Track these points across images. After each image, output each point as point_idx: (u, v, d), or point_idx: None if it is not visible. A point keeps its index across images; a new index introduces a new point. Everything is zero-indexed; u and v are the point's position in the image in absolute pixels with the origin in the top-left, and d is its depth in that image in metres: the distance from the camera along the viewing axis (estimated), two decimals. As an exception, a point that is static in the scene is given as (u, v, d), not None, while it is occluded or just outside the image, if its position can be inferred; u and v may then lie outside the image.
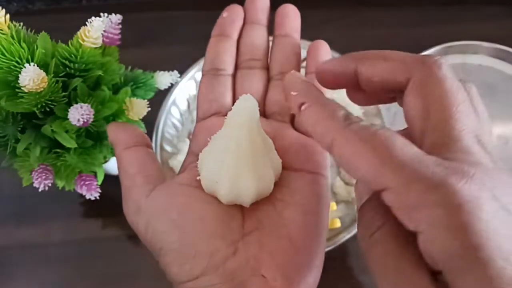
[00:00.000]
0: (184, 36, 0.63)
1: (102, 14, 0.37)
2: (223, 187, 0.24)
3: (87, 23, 0.36)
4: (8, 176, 0.41)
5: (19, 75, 0.33)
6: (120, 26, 0.39)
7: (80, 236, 0.52)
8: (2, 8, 0.35)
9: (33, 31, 0.37)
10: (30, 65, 0.33)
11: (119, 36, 0.40)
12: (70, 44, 0.37)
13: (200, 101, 0.29)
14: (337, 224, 0.48)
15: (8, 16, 0.35)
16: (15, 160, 0.39)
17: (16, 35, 0.35)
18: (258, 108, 0.23)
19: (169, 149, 0.52)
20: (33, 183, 0.37)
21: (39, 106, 0.36)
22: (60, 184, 0.40)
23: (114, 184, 0.44)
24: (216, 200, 0.25)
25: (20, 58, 0.35)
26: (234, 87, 0.30)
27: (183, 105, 0.54)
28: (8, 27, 0.35)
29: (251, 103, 0.22)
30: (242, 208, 0.25)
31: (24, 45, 0.35)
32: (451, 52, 0.56)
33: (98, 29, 0.36)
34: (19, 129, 0.37)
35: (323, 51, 0.29)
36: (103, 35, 0.38)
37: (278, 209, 0.25)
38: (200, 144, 0.27)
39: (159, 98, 0.50)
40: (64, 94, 0.36)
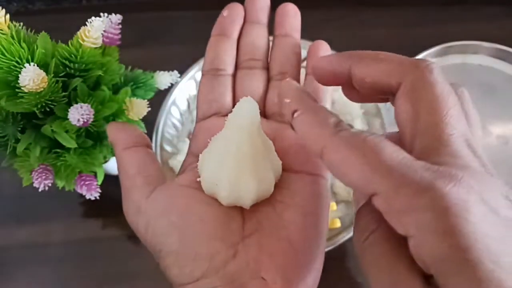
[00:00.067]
0: (184, 36, 0.63)
1: (102, 14, 0.37)
2: (223, 189, 0.24)
3: (87, 23, 0.36)
4: (8, 176, 0.41)
5: (19, 75, 0.33)
6: (120, 26, 0.39)
7: (80, 236, 0.52)
8: (2, 8, 0.35)
9: (33, 31, 0.37)
10: (30, 65, 0.33)
11: (119, 36, 0.40)
12: (70, 44, 0.37)
13: (199, 101, 0.29)
14: (337, 224, 0.48)
15: (8, 16, 0.35)
16: (15, 160, 0.39)
17: (16, 35, 0.35)
18: (259, 110, 0.23)
19: (169, 149, 0.52)
20: (33, 183, 0.37)
21: (39, 106, 0.36)
22: (60, 184, 0.40)
23: (114, 184, 0.44)
24: (216, 201, 0.24)
25: (20, 58, 0.35)
26: (234, 87, 0.29)
27: (183, 105, 0.54)
28: (8, 27, 0.35)
29: (252, 105, 0.22)
30: (242, 209, 0.25)
31: (24, 45, 0.35)
32: (451, 52, 0.56)
33: (98, 29, 0.36)
34: (19, 129, 0.37)
35: (323, 51, 0.29)
36: (103, 35, 0.38)
37: (278, 211, 0.25)
38: (200, 144, 0.27)
39: (159, 98, 0.50)
40: (64, 94, 0.36)
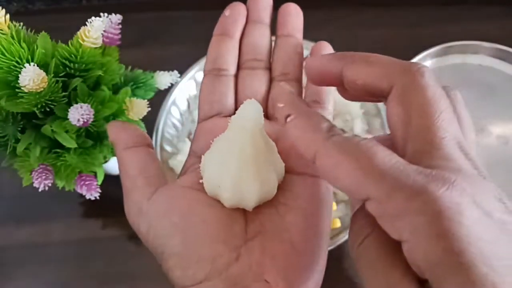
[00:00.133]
0: (184, 36, 0.63)
1: (102, 14, 0.37)
2: (226, 191, 0.23)
3: (87, 23, 0.36)
4: (8, 176, 0.41)
5: (19, 75, 0.34)
6: (120, 26, 0.39)
7: (80, 236, 0.52)
8: (2, 8, 0.35)
9: (33, 31, 0.37)
10: (30, 65, 0.33)
11: (119, 36, 0.40)
12: (70, 44, 0.37)
13: (201, 101, 0.29)
14: (337, 224, 0.48)
15: (8, 16, 0.35)
16: (15, 160, 0.39)
17: (16, 35, 0.35)
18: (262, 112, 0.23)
19: (169, 149, 0.52)
20: (33, 183, 0.37)
21: (39, 106, 0.36)
22: (60, 184, 0.40)
23: (114, 184, 0.44)
24: (219, 203, 0.24)
25: (20, 58, 0.35)
26: (236, 88, 0.29)
27: (183, 105, 0.54)
28: (8, 27, 0.35)
29: (256, 107, 0.22)
30: (244, 211, 0.25)
31: (24, 45, 0.35)
32: (451, 52, 0.55)
33: (98, 29, 0.36)
34: (19, 129, 0.37)
35: (326, 52, 0.29)
36: (103, 35, 0.38)
37: (281, 213, 0.24)
38: (202, 145, 0.27)
39: (159, 98, 0.50)
40: (64, 94, 0.36)
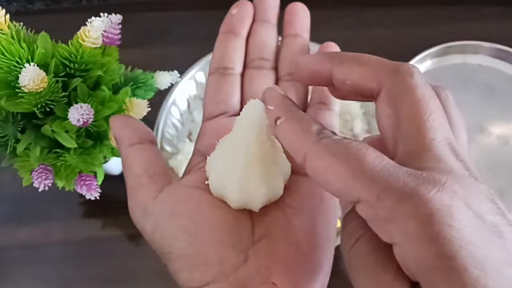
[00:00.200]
0: (184, 36, 0.63)
1: (102, 14, 0.37)
2: (232, 192, 0.23)
3: (87, 23, 0.36)
4: (8, 176, 0.41)
5: (19, 75, 0.34)
6: (120, 26, 0.39)
7: (80, 236, 0.52)
8: (2, 8, 0.35)
9: (33, 31, 0.37)
10: (30, 65, 0.33)
11: (119, 36, 0.40)
12: (70, 44, 0.37)
13: (206, 100, 0.28)
14: (337, 224, 0.48)
15: (8, 16, 0.35)
16: (15, 160, 0.39)
17: (16, 35, 0.35)
18: None
19: (169, 149, 0.52)
20: (33, 183, 0.37)
21: (39, 106, 0.36)
22: (60, 184, 0.40)
23: (114, 184, 0.44)
24: (225, 204, 0.24)
25: (20, 58, 0.35)
26: (242, 87, 0.29)
27: (183, 105, 0.54)
28: (8, 27, 0.35)
29: (260, 107, 0.22)
30: (251, 213, 0.25)
31: (24, 45, 0.35)
32: (451, 52, 0.55)
33: (98, 29, 0.36)
34: (19, 129, 0.37)
35: None
36: (103, 35, 0.38)
37: (288, 215, 0.24)
38: (206, 144, 0.27)
39: (159, 98, 0.50)
40: (64, 94, 0.36)
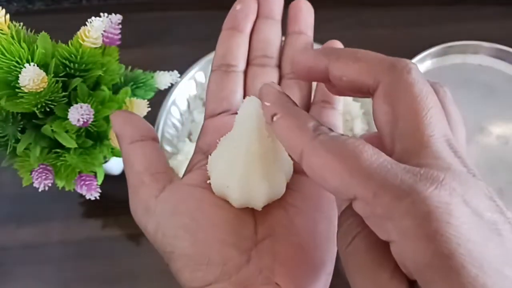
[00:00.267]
0: (184, 36, 0.63)
1: (102, 14, 0.37)
2: (234, 191, 0.23)
3: (87, 23, 0.36)
4: (8, 176, 0.41)
5: (19, 75, 0.34)
6: (120, 26, 0.39)
7: (80, 236, 0.52)
8: (2, 8, 0.35)
9: (33, 31, 0.38)
10: (30, 65, 0.33)
11: (119, 36, 0.40)
12: (70, 44, 0.37)
13: (208, 98, 0.28)
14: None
15: (8, 16, 0.35)
16: (15, 160, 0.39)
17: (16, 35, 0.35)
18: None
19: (169, 149, 0.52)
20: (33, 183, 0.37)
21: (39, 106, 0.36)
22: (60, 184, 0.40)
23: (114, 184, 0.44)
24: (227, 203, 0.24)
25: (20, 58, 0.35)
26: (245, 85, 0.28)
27: (183, 105, 0.54)
28: (8, 27, 0.35)
29: (256, 104, 0.22)
30: (253, 212, 0.24)
31: (24, 45, 0.35)
32: (451, 52, 0.55)
33: (98, 29, 0.36)
34: (19, 129, 0.37)
35: None
36: (103, 35, 0.38)
37: (290, 215, 0.24)
38: (208, 142, 0.26)
39: (159, 98, 0.50)
40: (64, 94, 0.36)
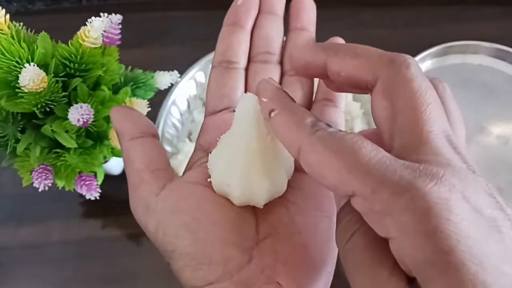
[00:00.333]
0: (184, 36, 0.63)
1: (102, 14, 0.37)
2: (235, 189, 0.23)
3: (87, 23, 0.36)
4: (8, 176, 0.41)
5: (19, 75, 0.34)
6: (120, 26, 0.39)
7: (80, 236, 0.52)
8: (2, 8, 0.35)
9: (33, 31, 0.38)
10: (30, 65, 0.33)
11: (119, 36, 0.40)
12: (70, 44, 0.37)
13: (209, 95, 0.28)
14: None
15: (8, 16, 0.35)
16: (15, 160, 0.39)
17: (16, 35, 0.35)
18: None
19: (169, 149, 0.52)
20: (33, 183, 0.37)
21: (39, 106, 0.36)
22: (60, 184, 0.40)
23: (114, 184, 0.44)
24: (228, 201, 0.24)
25: (20, 58, 0.35)
26: (246, 82, 0.28)
27: (183, 105, 0.54)
28: (8, 27, 0.35)
29: (254, 101, 0.22)
30: (255, 210, 0.24)
31: (24, 45, 0.35)
32: (451, 52, 0.55)
33: (98, 29, 0.36)
34: (19, 129, 0.37)
35: None
36: (103, 35, 0.38)
37: (291, 213, 0.24)
38: (209, 139, 0.26)
39: (159, 98, 0.50)
40: (64, 94, 0.36)
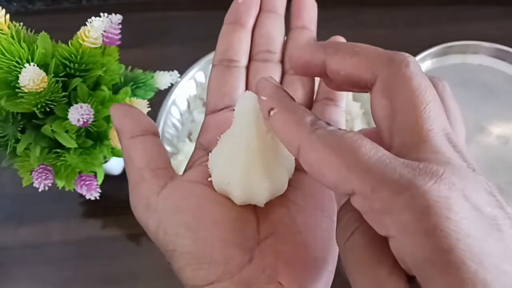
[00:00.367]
0: (184, 36, 0.63)
1: (102, 14, 0.37)
2: (235, 188, 0.23)
3: (87, 23, 0.36)
4: (8, 176, 0.41)
5: (19, 75, 0.34)
6: (120, 26, 0.39)
7: (80, 236, 0.52)
8: (2, 8, 0.35)
9: (33, 31, 0.38)
10: (30, 65, 0.33)
11: (119, 36, 0.40)
12: (70, 44, 0.37)
13: (210, 94, 0.28)
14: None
15: (8, 16, 0.35)
16: (15, 160, 0.39)
17: (16, 35, 0.35)
18: None
19: (169, 149, 0.52)
20: (33, 183, 0.37)
21: (39, 106, 0.36)
22: (60, 184, 0.40)
23: (114, 184, 0.44)
24: (229, 200, 0.24)
25: (20, 58, 0.35)
26: (247, 81, 0.28)
27: (183, 105, 0.54)
28: (8, 27, 0.35)
29: (253, 99, 0.22)
30: (255, 209, 0.24)
31: (24, 45, 0.35)
32: (451, 52, 0.55)
33: (98, 29, 0.36)
34: (19, 129, 0.37)
35: None
36: (103, 35, 0.38)
37: (292, 213, 0.24)
38: (209, 138, 0.26)
39: (159, 98, 0.50)
40: (64, 94, 0.36)
